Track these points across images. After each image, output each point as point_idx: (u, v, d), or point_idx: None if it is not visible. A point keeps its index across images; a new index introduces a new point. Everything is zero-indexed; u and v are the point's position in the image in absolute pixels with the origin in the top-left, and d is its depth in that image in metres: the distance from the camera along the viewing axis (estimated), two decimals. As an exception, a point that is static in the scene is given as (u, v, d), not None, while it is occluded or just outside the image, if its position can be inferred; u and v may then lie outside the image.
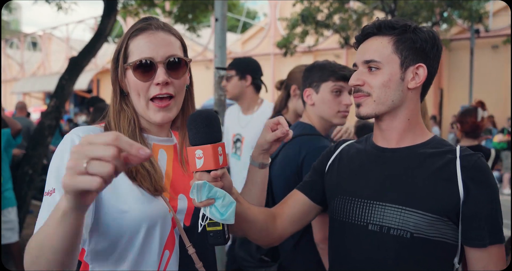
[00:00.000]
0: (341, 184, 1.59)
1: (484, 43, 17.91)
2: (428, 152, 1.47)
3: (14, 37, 36.55)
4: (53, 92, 6.55)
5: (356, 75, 1.49)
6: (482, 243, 1.37)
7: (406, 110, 1.50)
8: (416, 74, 1.47)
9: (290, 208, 1.66)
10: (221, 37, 4.18)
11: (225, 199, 1.22)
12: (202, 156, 1.20)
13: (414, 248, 1.39)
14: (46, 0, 9.49)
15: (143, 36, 1.37)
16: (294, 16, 16.20)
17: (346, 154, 1.66)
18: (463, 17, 15.44)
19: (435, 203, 1.38)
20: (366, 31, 1.51)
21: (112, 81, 1.43)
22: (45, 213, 1.21)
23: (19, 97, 30.38)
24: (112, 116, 1.41)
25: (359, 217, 1.49)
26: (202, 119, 1.23)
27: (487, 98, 17.43)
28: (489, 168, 1.42)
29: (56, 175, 1.25)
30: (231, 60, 3.57)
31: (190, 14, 9.76)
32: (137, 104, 1.40)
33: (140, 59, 1.34)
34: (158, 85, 1.34)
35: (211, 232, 1.25)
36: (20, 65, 34.76)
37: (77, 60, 6.62)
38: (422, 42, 1.46)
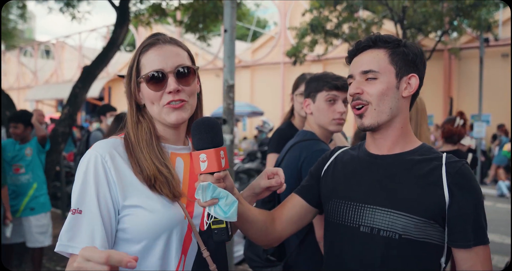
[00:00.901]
0: (335, 188, 1.70)
1: (493, 52, 17.88)
2: (416, 159, 1.57)
3: (28, 46, 37.07)
4: (66, 100, 6.70)
5: (355, 84, 1.60)
6: (467, 244, 1.46)
7: (400, 118, 1.61)
8: (408, 84, 1.60)
9: (288, 211, 1.77)
10: (230, 47, 4.27)
11: (228, 198, 1.32)
12: (206, 160, 1.32)
13: (402, 248, 1.48)
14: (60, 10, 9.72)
15: (153, 50, 1.48)
16: (303, 25, 16.32)
17: (340, 160, 1.77)
18: (472, 26, 15.44)
19: (422, 206, 1.48)
20: (361, 45, 1.62)
21: (128, 96, 1.54)
22: (67, 227, 1.34)
23: (32, 105, 30.79)
24: (131, 127, 1.52)
25: (352, 219, 1.59)
26: (205, 126, 1.35)
27: (497, 107, 17.44)
28: (473, 174, 1.52)
29: (78, 195, 1.37)
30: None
31: (200, 23, 9.90)
32: (152, 112, 1.50)
33: (152, 71, 1.45)
34: (170, 93, 1.45)
35: (216, 229, 1.35)
36: (33, 73, 35.22)
37: (90, 68, 6.79)
38: (413, 55, 1.59)
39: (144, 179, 1.41)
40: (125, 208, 1.39)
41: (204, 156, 1.31)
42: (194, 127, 1.36)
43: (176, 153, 1.55)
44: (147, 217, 1.38)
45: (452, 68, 19.18)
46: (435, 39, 17.45)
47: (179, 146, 1.57)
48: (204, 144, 1.33)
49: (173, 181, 1.44)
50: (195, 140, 1.35)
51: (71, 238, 1.32)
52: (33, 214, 4.99)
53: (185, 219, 1.44)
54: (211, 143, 1.33)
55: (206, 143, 1.33)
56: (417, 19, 15.19)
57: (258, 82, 24.35)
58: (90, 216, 1.34)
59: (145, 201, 1.39)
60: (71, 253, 1.33)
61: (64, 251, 1.33)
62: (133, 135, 1.50)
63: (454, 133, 4.28)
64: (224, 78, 4.27)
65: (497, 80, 17.66)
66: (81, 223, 1.33)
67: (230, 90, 4.23)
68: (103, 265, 0.97)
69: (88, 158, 1.40)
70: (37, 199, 5.04)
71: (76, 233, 1.32)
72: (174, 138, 1.57)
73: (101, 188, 1.37)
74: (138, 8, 9.62)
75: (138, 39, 27.31)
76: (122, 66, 28.29)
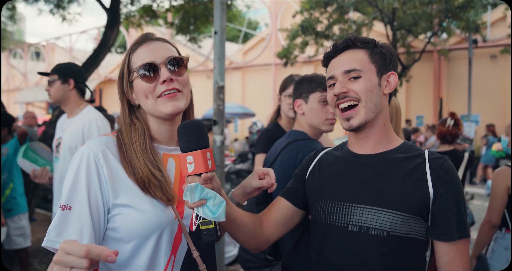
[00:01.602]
0: (321, 189, 1.71)
1: (482, 53, 18.06)
2: (400, 157, 1.61)
3: (18, 47, 36.83)
4: (57, 102, 6.67)
5: (340, 84, 1.61)
6: (450, 237, 1.50)
7: (382, 116, 1.65)
8: (388, 81, 1.64)
9: (275, 214, 1.78)
10: (220, 49, 4.30)
11: (216, 199, 1.34)
12: (193, 161, 1.33)
13: (390, 245, 1.52)
14: (50, 11, 9.69)
15: (142, 47, 1.51)
16: (294, 26, 16.38)
17: (324, 161, 1.79)
18: (460, 27, 15.58)
19: (408, 203, 1.52)
20: (341, 46, 1.65)
21: (120, 96, 1.55)
22: (55, 223, 1.34)
23: (22, 107, 30.58)
24: (124, 128, 1.53)
25: (340, 219, 1.61)
26: (191, 128, 1.37)
27: (486, 107, 17.62)
28: (455, 169, 1.57)
29: (68, 191, 1.37)
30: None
31: (191, 25, 9.91)
32: (146, 107, 1.50)
33: (143, 63, 1.47)
34: (163, 83, 1.47)
35: (205, 230, 1.36)
36: (23, 75, 34.99)
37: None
38: (390, 54, 1.65)
39: (136, 181, 1.43)
40: (116, 206, 1.40)
41: (191, 158, 1.33)
42: (180, 130, 1.37)
43: (168, 154, 1.56)
44: (138, 217, 1.39)
45: (441, 69, 19.34)
46: (424, 40, 17.59)
47: (171, 147, 1.58)
48: (190, 146, 1.35)
49: (166, 185, 1.45)
50: (182, 142, 1.36)
51: (59, 234, 1.33)
52: (10, 216, 4.83)
53: (176, 220, 1.46)
54: (197, 145, 1.35)
55: (193, 145, 1.35)
56: (407, 20, 15.31)
57: (249, 83, 24.37)
58: (79, 213, 1.35)
59: (136, 201, 1.40)
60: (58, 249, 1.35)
61: (51, 246, 1.33)
62: (126, 136, 1.50)
63: (446, 133, 4.40)
64: (214, 80, 4.29)
65: (486, 81, 17.83)
66: (70, 219, 1.34)
67: (220, 92, 4.26)
68: (82, 259, 0.97)
69: (81, 155, 1.41)
70: (14, 200, 4.88)
71: (64, 229, 1.33)
72: (168, 137, 1.57)
73: (92, 185, 1.38)
74: (129, 9, 9.61)
75: (129, 40, 27.24)
76: (113, 68, 28.20)
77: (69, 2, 9.95)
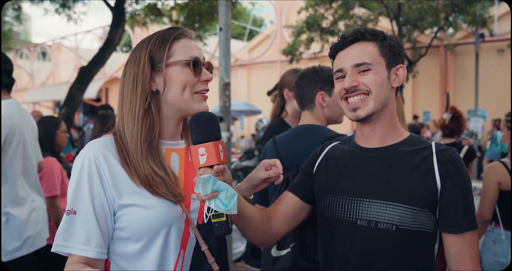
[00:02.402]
0: (329, 183, 1.70)
1: (489, 47, 17.91)
2: (407, 150, 1.60)
3: (24, 48, 36.99)
4: (63, 101, 6.72)
5: (350, 77, 1.59)
6: (458, 229, 1.50)
7: (390, 109, 1.64)
8: (396, 75, 1.63)
9: (283, 208, 1.77)
10: (225, 46, 4.30)
11: (228, 191, 1.33)
12: (205, 153, 1.33)
13: (399, 239, 1.51)
14: (56, 11, 9.73)
15: (186, 40, 1.53)
16: (299, 23, 16.33)
17: (331, 155, 1.78)
18: (467, 21, 15.47)
19: (416, 196, 1.51)
20: (349, 38, 1.63)
21: (142, 81, 1.45)
22: (62, 228, 1.38)
23: (29, 107, 30.75)
24: (132, 122, 1.45)
25: (348, 214, 1.60)
26: (203, 119, 1.37)
27: (493, 102, 17.51)
28: (462, 161, 1.56)
29: (72, 195, 1.39)
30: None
31: (196, 23, 9.91)
32: (177, 98, 1.47)
33: (194, 57, 1.48)
34: (205, 81, 1.51)
35: (216, 223, 1.36)
36: (30, 75, 35.14)
37: (86, 69, 6.81)
38: (398, 47, 1.64)
39: (139, 179, 1.42)
40: (121, 207, 1.40)
41: (203, 150, 1.33)
42: (192, 121, 1.37)
43: (170, 149, 1.55)
44: (144, 214, 1.39)
45: (448, 64, 19.21)
46: (430, 35, 17.47)
47: (173, 142, 1.57)
48: (203, 138, 1.34)
49: (170, 181, 1.44)
50: (194, 133, 1.36)
51: (66, 238, 1.36)
52: None
53: (183, 214, 1.46)
54: (209, 136, 1.34)
55: (205, 136, 1.34)
56: (412, 15, 15.23)
57: (255, 80, 24.33)
58: (84, 216, 1.36)
59: (140, 199, 1.40)
60: (68, 253, 1.36)
61: (61, 251, 1.36)
62: (129, 131, 1.46)
63: (443, 127, 4.54)
64: (220, 77, 4.30)
65: (493, 76, 17.69)
66: (76, 223, 1.36)
67: (226, 88, 4.26)
68: None
69: (82, 159, 1.41)
70: None
71: (71, 233, 1.36)
72: (172, 131, 1.56)
73: (95, 188, 1.39)
74: (134, 8, 9.62)
75: (134, 39, 27.27)
76: (119, 67, 28.24)
77: (74, 2, 9.97)
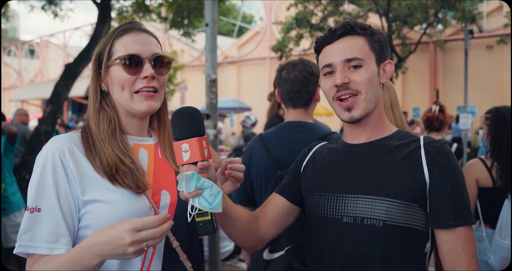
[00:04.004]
0: (315, 182, 1.65)
1: (478, 44, 17.99)
2: (395, 144, 1.55)
3: (12, 45, 36.60)
4: (48, 99, 6.61)
5: (341, 73, 1.51)
6: (448, 225, 1.42)
7: (379, 106, 1.59)
8: (384, 70, 1.58)
9: (270, 211, 1.70)
10: (212, 41, 4.23)
11: (213, 188, 1.28)
12: (188, 149, 1.27)
13: (387, 235, 1.45)
14: (42, 8, 9.57)
15: (129, 36, 1.45)
16: (288, 19, 16.28)
17: (319, 154, 1.73)
18: (457, 17, 15.51)
19: (403, 190, 1.45)
20: (338, 32, 1.54)
21: (93, 80, 1.48)
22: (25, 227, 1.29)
23: (17, 105, 30.40)
24: (93, 116, 1.46)
25: (334, 211, 1.54)
26: (187, 114, 1.31)
27: (483, 98, 17.61)
28: (452, 153, 1.49)
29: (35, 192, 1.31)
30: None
31: (185, 19, 9.83)
32: (119, 98, 1.45)
33: (129, 54, 1.41)
34: (145, 78, 1.42)
35: (200, 222, 1.30)
36: (18, 73, 34.81)
37: (72, 66, 6.70)
38: (385, 42, 1.58)
39: (104, 171, 1.36)
40: (85, 204, 1.34)
41: (186, 146, 1.28)
42: (174, 117, 1.32)
43: (139, 144, 1.51)
44: (107, 209, 1.33)
45: (437, 60, 19.28)
46: (420, 31, 17.50)
47: (141, 137, 1.53)
48: (186, 134, 1.29)
49: (137, 172, 1.39)
50: (177, 129, 1.30)
51: (31, 237, 1.28)
52: (5, 215, 4.80)
53: (151, 210, 1.39)
54: (193, 132, 1.29)
55: (188, 132, 1.29)
56: (402, 12, 15.22)
57: (244, 77, 24.27)
58: (50, 213, 1.29)
59: (104, 194, 1.34)
60: (31, 253, 1.29)
61: (25, 252, 1.28)
62: (94, 124, 1.44)
63: (432, 119, 4.35)
64: (207, 73, 4.22)
65: (482, 72, 17.79)
66: (41, 221, 1.29)
67: (213, 85, 4.19)
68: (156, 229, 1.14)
69: (46, 154, 1.35)
70: (7, 200, 4.83)
71: (36, 232, 1.28)
72: (137, 129, 1.52)
73: (61, 184, 1.32)
74: (122, 5, 9.52)
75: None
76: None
77: (60, -2, 9.82)
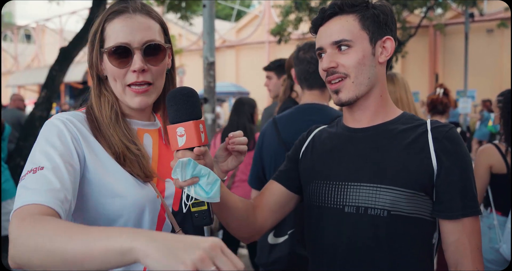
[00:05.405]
0: (315, 169, 1.56)
1: (479, 27, 17.84)
2: (400, 128, 1.45)
3: (8, 30, 36.26)
4: (43, 84, 6.51)
5: (328, 57, 1.44)
6: (454, 215, 1.35)
7: (379, 87, 1.48)
8: (383, 47, 1.47)
9: (268, 199, 1.61)
10: (210, 23, 4.14)
11: (210, 176, 1.18)
12: (184, 134, 1.17)
13: (392, 226, 1.37)
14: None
15: (120, 20, 1.30)
16: (287, 3, 16.10)
17: (318, 139, 1.63)
18: (457, 1, 15.34)
19: (409, 177, 1.36)
20: (327, 12, 1.46)
21: (90, 65, 1.37)
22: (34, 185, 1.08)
23: (14, 90, 30.25)
24: (94, 100, 1.36)
25: (335, 200, 1.45)
26: (182, 95, 1.20)
27: (483, 82, 17.55)
28: (461, 139, 1.40)
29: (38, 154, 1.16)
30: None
31: (183, 1, 9.69)
32: (115, 89, 1.35)
33: (115, 45, 1.28)
34: (134, 72, 1.30)
35: (196, 212, 1.21)
36: (14, 58, 34.54)
37: (67, 50, 6.59)
38: (384, 15, 1.45)
39: (113, 155, 1.27)
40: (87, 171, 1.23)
41: (182, 130, 1.17)
42: (169, 98, 1.21)
43: (143, 129, 1.42)
44: (116, 194, 1.24)
45: (437, 44, 19.14)
46: (420, 15, 17.34)
47: (145, 122, 1.43)
48: (181, 117, 1.18)
49: (143, 160, 1.30)
50: (171, 112, 1.20)
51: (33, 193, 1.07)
52: None
53: (158, 198, 1.32)
54: (189, 115, 1.18)
55: (184, 115, 1.18)
56: (402, -5, 15.05)
57: (243, 62, 24.11)
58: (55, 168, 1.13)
59: (116, 178, 1.25)
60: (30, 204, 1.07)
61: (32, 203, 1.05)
62: (97, 109, 1.35)
63: (436, 102, 4.26)
64: (204, 56, 4.15)
65: (482, 56, 17.68)
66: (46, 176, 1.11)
67: (211, 68, 4.11)
68: None
69: (49, 124, 1.24)
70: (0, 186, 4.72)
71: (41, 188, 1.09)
72: (139, 114, 1.43)
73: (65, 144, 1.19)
74: (117, -13, 9.37)
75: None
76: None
77: (55, -19, 9.66)
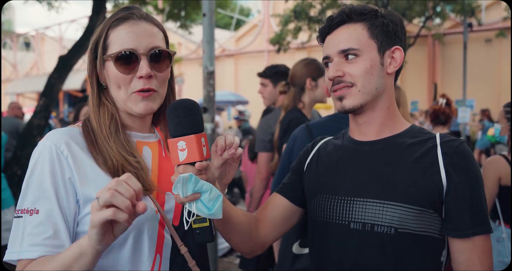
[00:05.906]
0: (320, 182, 1.51)
1: (477, 37, 17.91)
2: (408, 142, 1.41)
3: (7, 38, 36.29)
4: (42, 92, 6.48)
5: (334, 66, 1.41)
6: (464, 233, 1.30)
7: (386, 98, 1.44)
8: (392, 58, 1.43)
9: (271, 212, 1.57)
10: (209, 32, 4.11)
11: (212, 192, 1.14)
12: (185, 148, 1.13)
13: (400, 244, 1.32)
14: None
15: (125, 26, 1.29)
16: (287, 12, 16.15)
17: (323, 151, 1.59)
18: (455, 11, 15.41)
19: (419, 194, 1.32)
20: (335, 21, 1.43)
21: (89, 74, 1.35)
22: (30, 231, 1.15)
23: (12, 98, 30.19)
24: (92, 111, 1.33)
25: (341, 216, 1.41)
26: (184, 108, 1.16)
27: (481, 92, 17.56)
28: (472, 154, 1.36)
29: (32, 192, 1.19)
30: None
31: (182, 10, 9.70)
32: (116, 97, 1.32)
33: (122, 50, 1.26)
34: (141, 78, 1.28)
35: (198, 229, 1.17)
36: (13, 66, 34.52)
37: (66, 58, 6.57)
38: (393, 25, 1.42)
39: (109, 170, 1.24)
40: (86, 204, 1.21)
41: (183, 144, 1.13)
42: (170, 110, 1.17)
43: (142, 142, 1.38)
44: None
45: (436, 53, 19.20)
46: (419, 24, 17.40)
47: (145, 134, 1.40)
48: (183, 130, 1.14)
49: (143, 173, 1.27)
50: (172, 125, 1.16)
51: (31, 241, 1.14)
52: None
53: (157, 214, 1.28)
54: (190, 128, 1.14)
55: (185, 128, 1.14)
56: (401, 4, 15.11)
57: (242, 70, 24.13)
58: (49, 214, 1.16)
59: None
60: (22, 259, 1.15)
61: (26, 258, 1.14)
62: (95, 120, 1.32)
63: (439, 112, 4.19)
64: (204, 65, 4.11)
65: (481, 65, 17.73)
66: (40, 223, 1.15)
67: (210, 77, 4.08)
68: None
69: (41, 149, 1.22)
70: None
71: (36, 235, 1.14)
72: (140, 125, 1.39)
73: (59, 182, 1.20)
74: (117, -5, 9.38)
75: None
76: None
77: (55, -11, 9.65)
